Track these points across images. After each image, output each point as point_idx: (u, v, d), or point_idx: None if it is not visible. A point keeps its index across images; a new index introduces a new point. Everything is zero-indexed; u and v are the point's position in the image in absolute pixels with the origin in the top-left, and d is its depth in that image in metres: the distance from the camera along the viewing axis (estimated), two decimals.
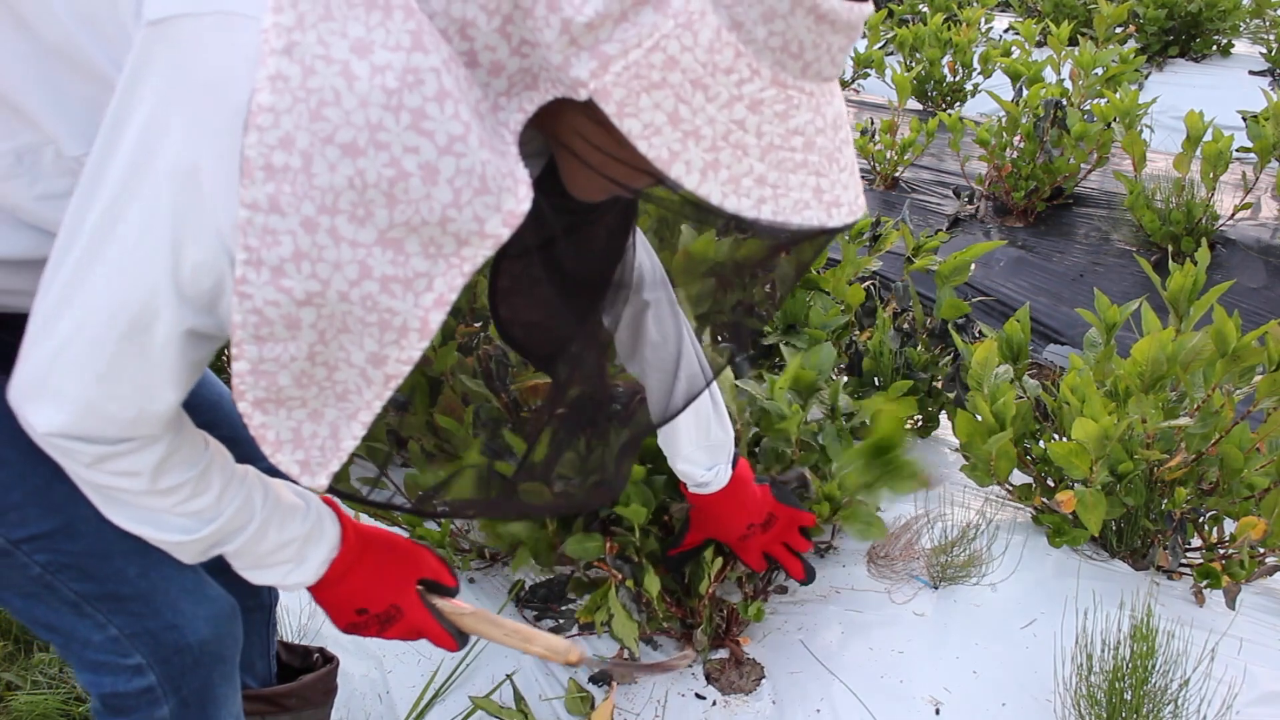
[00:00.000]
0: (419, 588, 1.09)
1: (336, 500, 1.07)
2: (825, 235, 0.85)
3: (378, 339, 0.76)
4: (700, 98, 0.69)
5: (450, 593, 1.13)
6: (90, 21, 0.77)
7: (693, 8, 0.68)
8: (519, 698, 1.50)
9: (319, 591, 1.04)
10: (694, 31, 0.68)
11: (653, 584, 1.43)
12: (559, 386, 1.12)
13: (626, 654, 1.58)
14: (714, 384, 1.23)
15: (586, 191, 0.87)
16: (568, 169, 0.85)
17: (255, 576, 0.99)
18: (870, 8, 0.73)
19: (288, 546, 0.98)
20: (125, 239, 0.74)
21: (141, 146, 0.72)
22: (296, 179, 0.68)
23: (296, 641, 1.78)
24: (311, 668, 1.41)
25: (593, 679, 1.57)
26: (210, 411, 1.17)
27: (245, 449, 1.21)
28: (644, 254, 1.19)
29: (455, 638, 1.11)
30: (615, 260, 1.05)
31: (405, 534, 1.24)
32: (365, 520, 1.20)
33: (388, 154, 0.68)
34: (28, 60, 0.80)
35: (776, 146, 0.73)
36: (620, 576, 1.46)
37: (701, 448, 1.31)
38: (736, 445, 1.36)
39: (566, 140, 0.80)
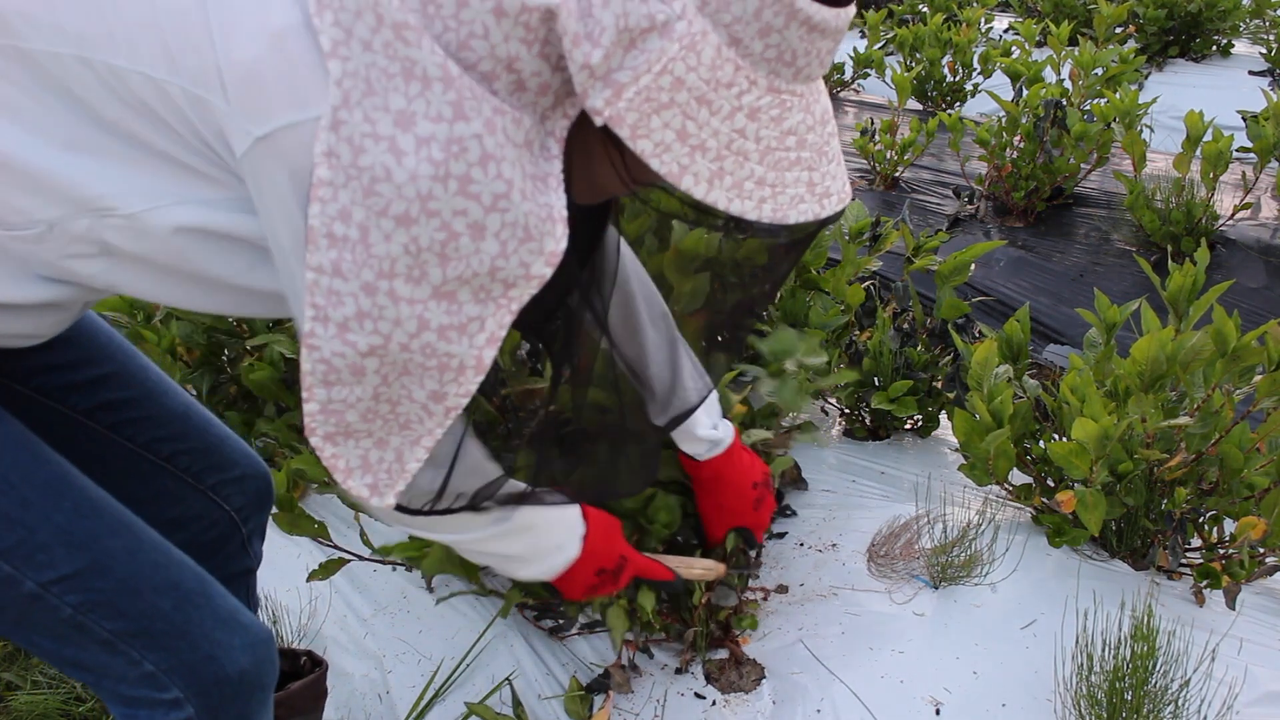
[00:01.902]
0: None
1: None
2: (817, 229, 0.89)
3: (437, 379, 0.80)
4: (705, 113, 0.73)
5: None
6: (144, 108, 0.77)
7: (695, 29, 0.71)
8: (517, 703, 1.50)
9: (572, 566, 1.14)
10: (697, 52, 0.72)
11: (647, 599, 1.42)
12: (556, 361, 1.14)
13: (625, 655, 1.58)
14: (686, 345, 1.26)
15: (587, 196, 0.89)
16: (577, 174, 0.87)
17: (533, 569, 1.11)
18: (853, 8, 0.77)
19: (559, 524, 1.11)
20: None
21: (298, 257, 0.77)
22: (355, 249, 0.72)
23: (295, 644, 1.78)
24: (300, 672, 1.38)
25: (589, 687, 1.56)
26: (180, 423, 1.17)
27: (213, 457, 1.22)
28: (630, 257, 1.21)
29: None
30: (597, 236, 1.08)
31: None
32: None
33: (439, 220, 0.72)
34: (78, 130, 0.79)
35: (774, 148, 0.77)
36: (615, 593, 1.45)
37: (704, 408, 1.31)
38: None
39: (590, 147, 0.84)
